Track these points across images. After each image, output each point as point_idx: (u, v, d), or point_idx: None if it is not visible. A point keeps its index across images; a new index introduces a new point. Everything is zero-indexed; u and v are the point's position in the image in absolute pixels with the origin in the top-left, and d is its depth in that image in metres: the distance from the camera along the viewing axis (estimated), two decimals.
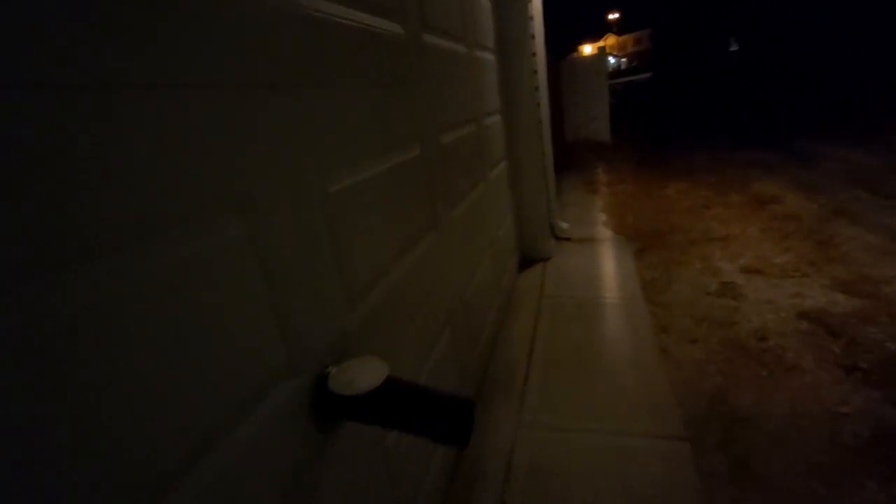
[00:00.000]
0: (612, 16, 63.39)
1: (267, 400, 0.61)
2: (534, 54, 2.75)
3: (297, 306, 0.68)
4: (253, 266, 0.60)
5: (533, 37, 2.73)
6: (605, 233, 3.45)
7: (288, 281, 0.66)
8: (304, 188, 0.71)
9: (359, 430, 0.83)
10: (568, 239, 3.34)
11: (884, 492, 1.20)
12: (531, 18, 2.70)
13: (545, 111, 3.05)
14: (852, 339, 1.81)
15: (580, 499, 1.24)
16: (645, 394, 1.61)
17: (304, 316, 0.69)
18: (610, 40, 59.82)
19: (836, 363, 1.69)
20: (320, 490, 0.71)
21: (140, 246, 0.45)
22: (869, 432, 1.37)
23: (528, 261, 3.00)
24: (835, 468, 1.27)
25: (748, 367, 1.73)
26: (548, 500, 1.25)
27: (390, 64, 1.07)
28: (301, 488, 0.67)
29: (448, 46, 1.57)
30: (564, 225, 3.43)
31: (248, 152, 0.60)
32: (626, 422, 1.49)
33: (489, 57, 2.31)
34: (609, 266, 2.86)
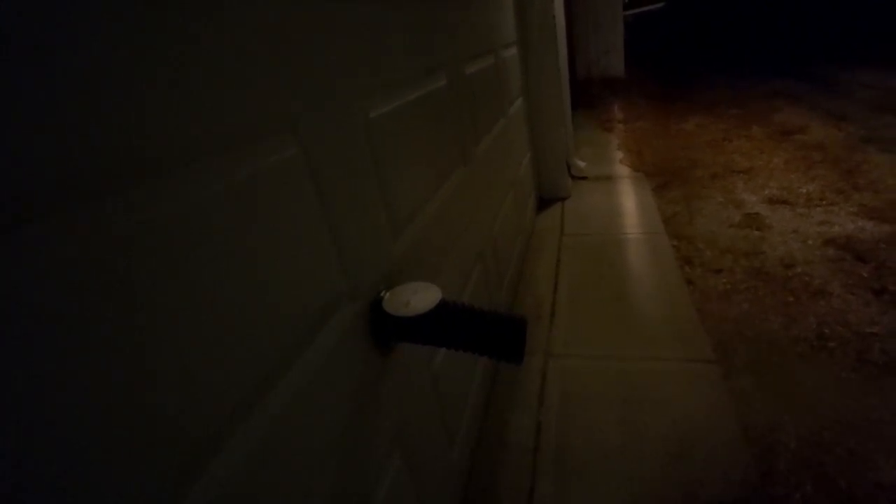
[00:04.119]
0: None
1: (331, 323, 0.62)
2: None
3: (350, 232, 0.68)
4: (310, 190, 0.59)
5: None
6: (622, 170, 3.38)
7: (341, 206, 0.66)
8: (350, 112, 0.69)
9: (410, 354, 0.85)
10: (585, 178, 3.28)
11: None
12: None
13: (562, 42, 2.90)
14: (881, 264, 1.80)
15: (612, 419, 1.29)
16: (672, 322, 1.64)
17: (357, 242, 0.69)
18: None
19: (864, 287, 1.69)
20: (380, 409, 0.75)
21: (204, 164, 0.44)
22: None
23: (545, 201, 2.97)
24: (863, 384, 1.30)
25: (774, 293, 1.74)
26: (581, 421, 1.30)
27: None
28: (364, 407, 0.70)
29: None
30: (581, 164, 3.36)
31: (296, 73, 0.57)
32: (654, 348, 1.52)
33: None
34: (628, 203, 2.83)
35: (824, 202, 2.39)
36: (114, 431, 0.34)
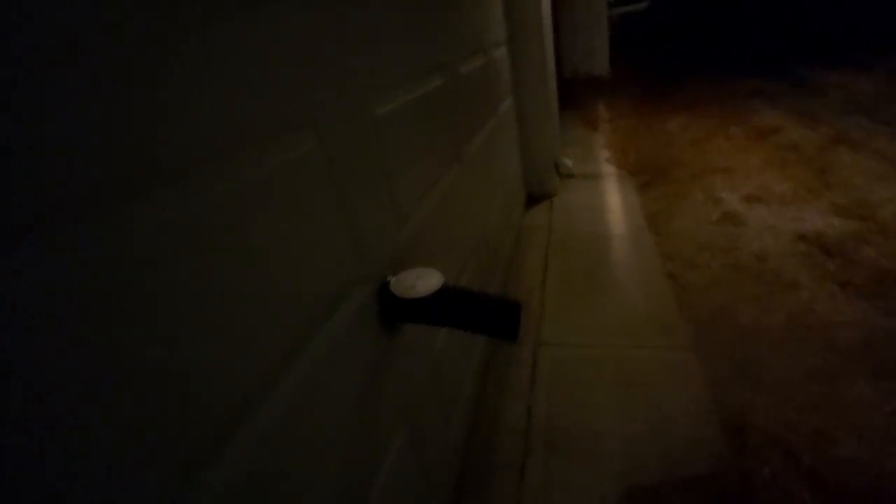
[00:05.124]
0: None
1: (346, 302, 0.68)
2: None
3: (362, 220, 0.73)
4: (327, 180, 0.65)
5: None
6: (608, 169, 3.48)
7: (354, 196, 0.71)
8: (359, 110, 0.75)
9: (413, 337, 0.91)
10: (572, 176, 3.37)
11: (872, 388, 1.34)
12: None
13: (549, 42, 2.97)
14: (847, 258, 1.91)
15: (598, 404, 1.37)
16: (654, 313, 1.73)
17: (368, 229, 0.75)
18: None
19: (831, 279, 1.80)
20: (388, 385, 0.81)
21: (232, 160, 0.48)
22: (860, 338, 1.50)
23: (533, 198, 3.05)
24: (829, 370, 1.40)
25: (749, 286, 1.84)
26: (569, 407, 1.38)
27: None
28: (374, 381, 0.76)
29: None
30: (568, 162, 3.44)
31: (312, 75, 0.63)
32: (637, 337, 1.61)
33: None
34: (613, 201, 2.92)
35: (797, 200, 2.51)
36: (145, 407, 0.37)
